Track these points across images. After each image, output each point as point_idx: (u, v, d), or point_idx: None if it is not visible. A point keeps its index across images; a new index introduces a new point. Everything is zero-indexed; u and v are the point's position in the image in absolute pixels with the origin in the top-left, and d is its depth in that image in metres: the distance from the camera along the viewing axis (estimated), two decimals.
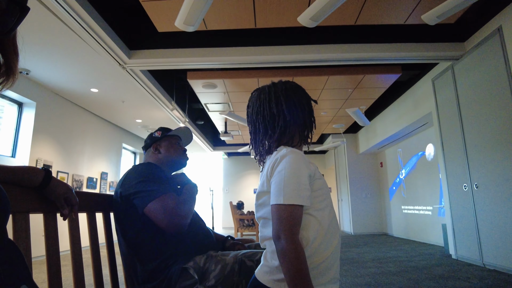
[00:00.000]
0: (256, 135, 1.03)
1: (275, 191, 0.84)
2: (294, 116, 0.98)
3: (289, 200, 0.81)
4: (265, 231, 0.94)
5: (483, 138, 3.69)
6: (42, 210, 0.95)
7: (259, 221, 0.98)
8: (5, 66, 0.49)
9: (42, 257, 0.96)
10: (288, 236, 0.78)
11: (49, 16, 3.28)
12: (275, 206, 0.83)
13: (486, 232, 3.66)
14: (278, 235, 0.80)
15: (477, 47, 3.79)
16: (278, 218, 0.81)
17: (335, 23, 3.75)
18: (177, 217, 1.21)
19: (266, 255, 0.91)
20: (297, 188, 0.82)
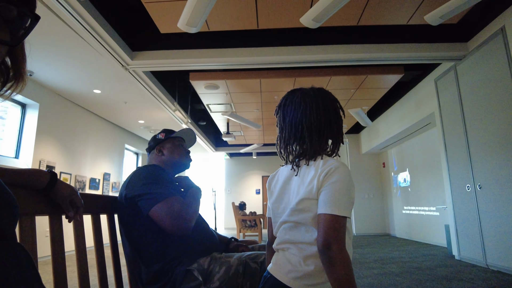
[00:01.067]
0: (293, 136, 1.03)
1: (329, 201, 0.86)
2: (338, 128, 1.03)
3: (344, 212, 0.84)
4: (296, 235, 0.94)
5: (486, 139, 3.68)
6: (48, 212, 0.95)
7: (284, 224, 0.98)
8: (14, 70, 0.50)
9: (46, 258, 0.97)
10: (341, 246, 0.81)
11: (52, 18, 3.30)
12: (330, 216, 0.84)
13: (489, 233, 3.65)
14: (328, 244, 0.82)
15: (480, 47, 3.78)
16: (330, 228, 0.83)
17: (338, 24, 3.75)
18: (182, 220, 1.22)
19: (293, 259, 0.92)
20: (349, 201, 0.86)
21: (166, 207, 1.22)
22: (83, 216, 1.08)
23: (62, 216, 0.99)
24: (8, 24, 0.45)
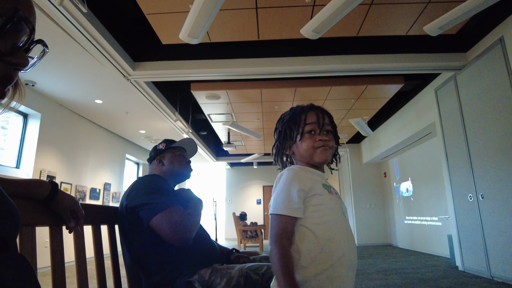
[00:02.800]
0: None
1: (270, 204, 0.98)
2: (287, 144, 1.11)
3: (276, 211, 0.92)
4: None
5: (488, 148, 3.67)
6: (48, 223, 0.94)
7: None
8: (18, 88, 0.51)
9: (46, 269, 0.96)
10: (275, 241, 0.88)
11: (54, 28, 3.33)
12: (270, 216, 0.96)
13: (493, 243, 3.61)
14: (270, 241, 0.92)
15: (479, 57, 3.80)
16: (270, 226, 0.94)
17: (338, 35, 3.79)
18: (182, 231, 1.21)
19: None
20: (285, 199, 0.93)
21: (166, 217, 1.21)
22: (84, 226, 1.07)
23: (63, 226, 0.99)
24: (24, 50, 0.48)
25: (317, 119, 1.06)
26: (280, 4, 3.24)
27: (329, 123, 1.08)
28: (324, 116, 1.08)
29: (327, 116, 1.10)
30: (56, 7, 2.67)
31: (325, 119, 1.08)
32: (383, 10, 3.37)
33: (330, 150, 1.06)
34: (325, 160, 1.05)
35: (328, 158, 1.06)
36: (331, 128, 1.09)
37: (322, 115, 1.08)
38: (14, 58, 0.45)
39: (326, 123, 1.08)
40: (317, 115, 1.07)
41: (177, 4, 3.19)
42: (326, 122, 1.08)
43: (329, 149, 1.05)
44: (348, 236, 0.98)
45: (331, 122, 1.09)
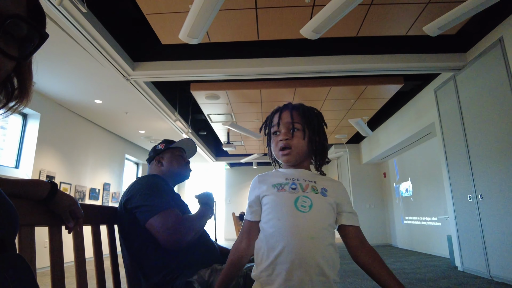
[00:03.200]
0: None
1: None
2: None
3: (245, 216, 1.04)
4: None
5: (487, 148, 3.68)
6: (48, 223, 0.94)
7: None
8: (20, 89, 0.51)
9: (45, 269, 0.96)
10: None
11: (54, 29, 3.33)
12: None
13: (492, 244, 3.61)
14: None
15: (478, 57, 3.80)
16: None
17: (337, 35, 3.79)
18: (176, 234, 1.21)
19: None
20: (248, 207, 1.03)
21: (160, 220, 1.22)
22: (83, 226, 1.07)
23: (62, 227, 0.99)
24: (17, 41, 0.46)
25: (278, 119, 1.05)
26: (279, 4, 3.24)
27: (297, 121, 1.04)
28: (290, 114, 1.04)
29: (298, 114, 1.05)
30: (56, 7, 2.67)
31: (290, 118, 1.04)
32: (382, 10, 3.37)
33: (295, 150, 1.02)
34: (286, 160, 1.04)
35: (290, 159, 1.03)
36: (300, 126, 1.04)
37: (289, 114, 1.05)
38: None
39: (286, 122, 1.04)
40: (279, 115, 1.06)
41: (177, 4, 3.19)
42: (286, 121, 1.04)
43: (293, 149, 1.02)
44: (297, 232, 0.92)
45: (304, 119, 1.04)
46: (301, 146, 1.02)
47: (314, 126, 1.05)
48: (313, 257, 0.90)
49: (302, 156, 1.04)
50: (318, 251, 0.91)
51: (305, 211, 0.94)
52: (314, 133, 1.05)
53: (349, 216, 1.01)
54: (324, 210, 0.96)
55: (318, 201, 0.97)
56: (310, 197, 0.97)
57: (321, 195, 0.98)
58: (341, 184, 1.06)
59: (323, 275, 0.90)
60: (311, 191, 0.98)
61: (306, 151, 1.04)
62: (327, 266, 0.91)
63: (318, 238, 0.92)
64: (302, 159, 1.05)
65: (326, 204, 0.97)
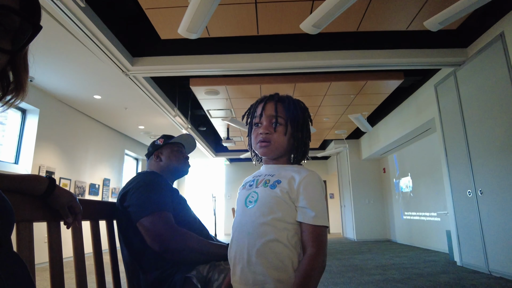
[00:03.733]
0: None
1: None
2: None
3: None
4: None
5: (487, 144, 3.67)
6: (46, 219, 0.94)
7: None
8: (15, 82, 0.50)
9: (44, 264, 0.96)
10: None
11: (53, 24, 3.31)
12: None
13: (491, 239, 3.62)
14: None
15: (479, 53, 3.79)
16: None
17: (337, 30, 3.77)
18: (163, 242, 1.20)
19: None
20: None
21: (151, 222, 1.21)
22: (82, 222, 1.07)
23: (61, 222, 0.99)
24: (10, 33, 0.45)
25: (262, 110, 0.99)
26: None
27: (281, 115, 0.97)
28: (275, 107, 0.98)
29: (283, 107, 0.98)
30: (54, 1, 2.65)
31: (274, 111, 0.97)
32: (383, 5, 3.34)
33: (274, 145, 0.96)
34: (263, 153, 0.98)
35: (267, 152, 0.98)
36: (284, 121, 0.97)
37: (273, 106, 0.98)
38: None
39: (269, 115, 0.98)
40: (263, 106, 1.00)
41: None
42: (269, 114, 0.98)
43: (272, 143, 0.96)
44: (239, 228, 0.92)
45: (288, 113, 0.98)
46: (281, 141, 0.97)
47: (299, 121, 0.99)
48: (248, 253, 0.87)
49: (280, 151, 0.99)
50: (253, 248, 0.86)
51: (250, 207, 0.92)
52: (297, 129, 0.99)
53: (300, 211, 0.88)
54: (269, 203, 0.89)
55: (263, 194, 0.92)
56: (258, 192, 0.93)
57: (270, 188, 0.92)
58: (311, 175, 0.93)
59: (262, 274, 0.84)
60: (262, 185, 0.94)
61: (285, 147, 0.98)
62: (267, 265, 0.84)
63: (254, 234, 0.87)
64: (281, 154, 1.00)
65: (271, 197, 0.90)
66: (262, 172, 1.01)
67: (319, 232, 0.86)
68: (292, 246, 0.85)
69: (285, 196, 0.89)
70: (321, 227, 0.86)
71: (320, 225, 0.86)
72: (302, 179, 0.91)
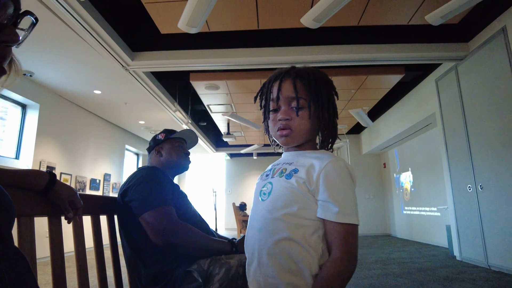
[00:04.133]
0: None
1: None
2: None
3: None
4: None
5: (488, 139, 3.67)
6: (47, 214, 0.94)
7: None
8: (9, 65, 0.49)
9: (46, 259, 0.96)
10: None
11: (52, 19, 3.29)
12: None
13: (491, 233, 3.63)
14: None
15: (481, 47, 3.76)
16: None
17: (338, 24, 3.74)
18: (167, 236, 1.20)
19: None
20: None
21: (154, 217, 1.22)
22: (83, 217, 1.07)
23: (62, 217, 0.99)
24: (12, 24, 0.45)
25: (278, 92, 0.84)
26: None
27: (302, 95, 0.82)
28: (293, 86, 0.82)
29: (303, 85, 0.83)
30: None
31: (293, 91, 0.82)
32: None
33: (296, 132, 0.83)
34: (285, 143, 0.86)
35: (289, 142, 0.85)
36: (306, 103, 0.82)
37: (292, 85, 0.82)
38: (3, 35, 0.44)
39: (288, 97, 0.83)
40: (279, 86, 0.84)
41: None
42: (287, 96, 0.83)
43: (293, 131, 0.83)
44: (251, 223, 0.83)
45: (311, 92, 0.82)
46: (304, 127, 0.82)
47: (323, 101, 0.83)
48: (259, 252, 0.77)
49: (305, 137, 0.85)
50: (263, 246, 0.76)
51: (264, 200, 0.81)
52: (322, 109, 0.83)
53: (321, 206, 0.75)
54: (283, 196, 0.77)
55: (277, 186, 0.80)
56: (273, 182, 0.82)
57: (285, 178, 0.79)
58: (334, 161, 0.77)
59: (273, 277, 0.74)
60: (278, 175, 0.82)
61: (310, 131, 0.84)
62: (278, 267, 0.74)
63: (265, 231, 0.77)
64: (306, 140, 0.86)
65: (286, 189, 0.78)
66: (281, 160, 0.89)
67: (344, 231, 0.72)
68: (310, 246, 0.73)
69: (302, 188, 0.76)
70: (347, 226, 0.72)
71: (346, 222, 0.71)
72: (323, 166, 0.76)
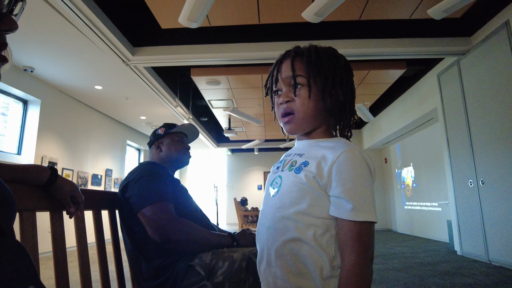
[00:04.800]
0: None
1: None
2: None
3: None
4: None
5: (490, 134, 3.66)
6: (49, 208, 0.95)
7: None
8: None
9: (49, 253, 0.97)
10: None
11: (52, 14, 3.28)
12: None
13: (492, 229, 3.64)
14: None
15: (483, 41, 3.74)
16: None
17: (340, 18, 3.72)
18: (165, 233, 1.20)
19: None
20: None
21: (152, 213, 1.22)
22: (84, 212, 1.07)
23: (63, 212, 0.99)
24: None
25: (277, 73, 0.78)
26: None
27: (301, 73, 0.75)
28: (291, 65, 0.76)
29: (301, 62, 0.76)
30: None
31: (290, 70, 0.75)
32: None
33: (298, 115, 0.75)
34: (289, 131, 0.77)
35: (294, 129, 0.77)
36: (305, 80, 0.74)
37: (289, 63, 0.76)
38: (3, 24, 0.44)
39: (286, 77, 0.76)
40: (278, 68, 0.79)
41: None
42: (285, 76, 0.76)
43: (295, 115, 0.75)
44: (260, 219, 0.78)
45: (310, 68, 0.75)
46: (306, 108, 0.74)
47: (327, 75, 0.75)
48: (268, 252, 0.72)
49: (310, 122, 0.76)
50: (272, 246, 0.71)
51: (273, 195, 0.75)
52: (326, 84, 0.74)
53: (334, 202, 0.68)
54: (291, 193, 0.71)
55: (286, 181, 0.74)
56: (282, 177, 0.75)
57: (294, 172, 0.72)
58: (349, 151, 0.68)
59: (282, 279, 0.69)
60: (288, 168, 0.75)
61: (315, 114, 0.75)
62: (286, 269, 0.69)
63: (273, 230, 0.72)
64: (314, 125, 0.77)
65: (294, 184, 0.71)
66: (293, 149, 0.81)
67: (359, 230, 0.65)
68: (320, 247, 0.67)
69: (311, 183, 0.69)
70: (362, 224, 0.64)
71: (361, 220, 0.64)
72: (335, 158, 0.68)
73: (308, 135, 0.79)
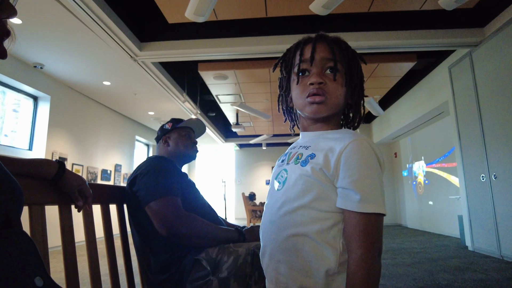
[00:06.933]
0: None
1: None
2: None
3: None
4: None
5: (503, 127, 3.58)
6: (57, 202, 0.95)
7: None
8: None
9: (60, 247, 0.98)
10: None
11: (61, 11, 3.30)
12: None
13: (504, 224, 3.57)
14: None
15: (497, 32, 3.64)
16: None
17: (348, 11, 3.66)
18: (172, 227, 1.20)
19: None
20: None
21: (159, 207, 1.22)
22: (93, 206, 1.08)
23: (72, 206, 1.00)
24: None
25: (312, 52, 0.75)
26: None
27: (340, 59, 0.75)
28: (330, 48, 0.74)
29: (340, 49, 0.76)
30: None
31: (330, 53, 0.74)
32: None
33: (331, 99, 0.73)
34: (317, 111, 0.74)
35: (322, 111, 0.73)
36: (342, 68, 0.75)
37: (328, 47, 0.75)
38: (2, 12, 0.43)
39: (324, 58, 0.74)
40: (313, 47, 0.75)
41: None
42: (323, 56, 0.74)
43: (328, 97, 0.73)
44: (265, 214, 0.77)
45: (348, 58, 0.76)
46: (339, 95, 0.74)
47: (358, 70, 0.78)
48: (271, 246, 0.71)
49: (337, 108, 0.76)
50: (275, 241, 0.70)
51: (278, 189, 0.74)
52: (357, 79, 0.78)
53: (341, 194, 0.66)
54: (296, 186, 0.69)
55: (291, 174, 0.72)
56: (287, 170, 0.74)
57: (300, 165, 0.71)
58: (357, 142, 0.67)
59: (284, 275, 0.68)
60: (293, 161, 0.74)
61: (342, 102, 0.76)
62: (290, 266, 0.67)
63: (277, 224, 0.70)
64: (336, 112, 0.77)
65: (300, 177, 0.69)
66: (298, 142, 0.80)
67: (367, 222, 0.62)
68: (326, 242, 0.65)
69: (318, 176, 0.67)
70: (371, 216, 0.62)
71: (369, 212, 0.62)
72: (343, 148, 0.66)
73: (318, 125, 0.78)
